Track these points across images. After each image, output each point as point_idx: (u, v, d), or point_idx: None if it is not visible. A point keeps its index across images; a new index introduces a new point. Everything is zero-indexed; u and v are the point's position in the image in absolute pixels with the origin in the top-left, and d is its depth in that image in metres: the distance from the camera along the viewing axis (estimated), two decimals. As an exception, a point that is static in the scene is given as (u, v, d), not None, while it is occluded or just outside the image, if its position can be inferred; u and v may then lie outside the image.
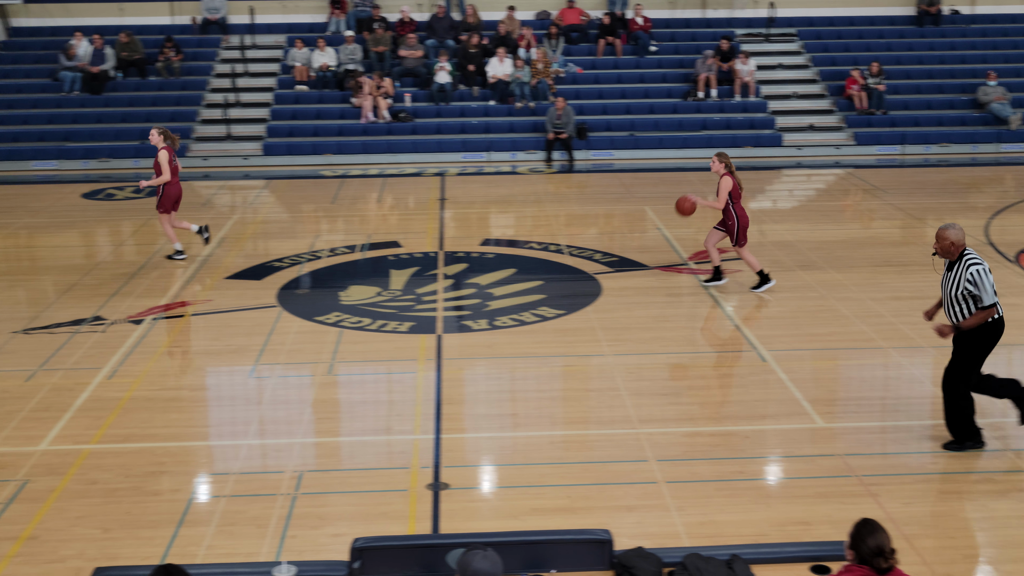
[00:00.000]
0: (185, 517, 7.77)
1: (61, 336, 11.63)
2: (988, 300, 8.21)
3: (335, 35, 25.16)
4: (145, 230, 16.60)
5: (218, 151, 22.35)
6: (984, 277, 8.20)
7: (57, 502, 7.99)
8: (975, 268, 8.21)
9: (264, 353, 11.13)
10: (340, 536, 7.32)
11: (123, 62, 24.06)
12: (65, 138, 22.39)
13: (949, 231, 8.30)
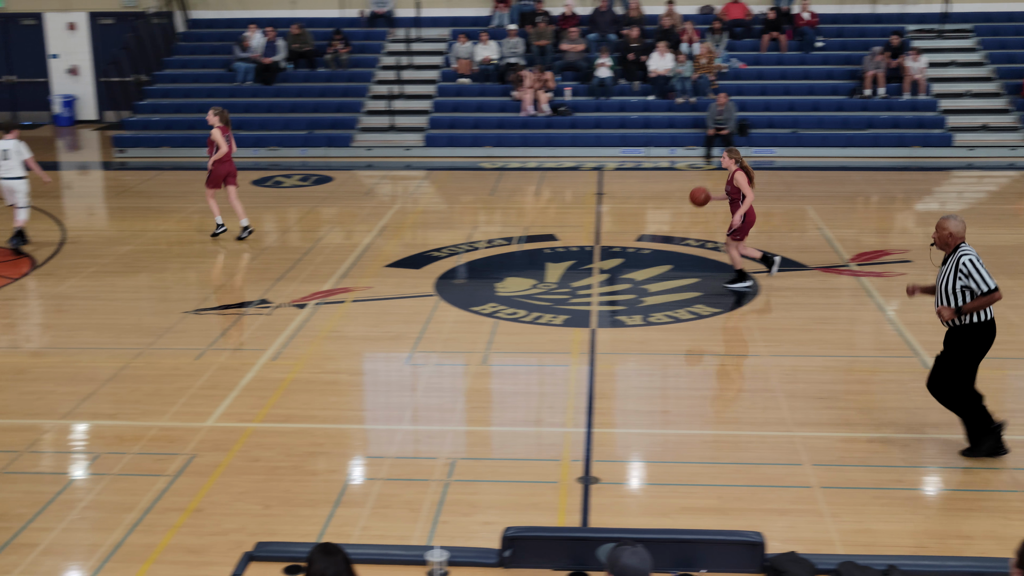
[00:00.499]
0: (341, 498, 7.99)
1: (229, 317, 12.08)
2: (987, 286, 7.98)
3: (498, 29, 25.39)
4: (310, 217, 17.09)
5: (381, 142, 22.82)
6: (977, 265, 8.01)
7: (222, 477, 8.31)
8: (966, 258, 8.05)
9: (421, 341, 11.34)
10: (490, 524, 7.41)
11: (294, 54, 24.78)
12: (237, 127, 23.11)
13: (949, 221, 8.18)
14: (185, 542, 7.35)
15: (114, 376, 10.43)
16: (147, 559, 7.14)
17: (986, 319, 8.18)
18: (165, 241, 15.78)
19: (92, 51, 27.15)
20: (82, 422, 9.44)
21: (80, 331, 11.83)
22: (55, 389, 10.15)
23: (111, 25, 27.02)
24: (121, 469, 8.47)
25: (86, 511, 7.84)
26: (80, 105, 27.22)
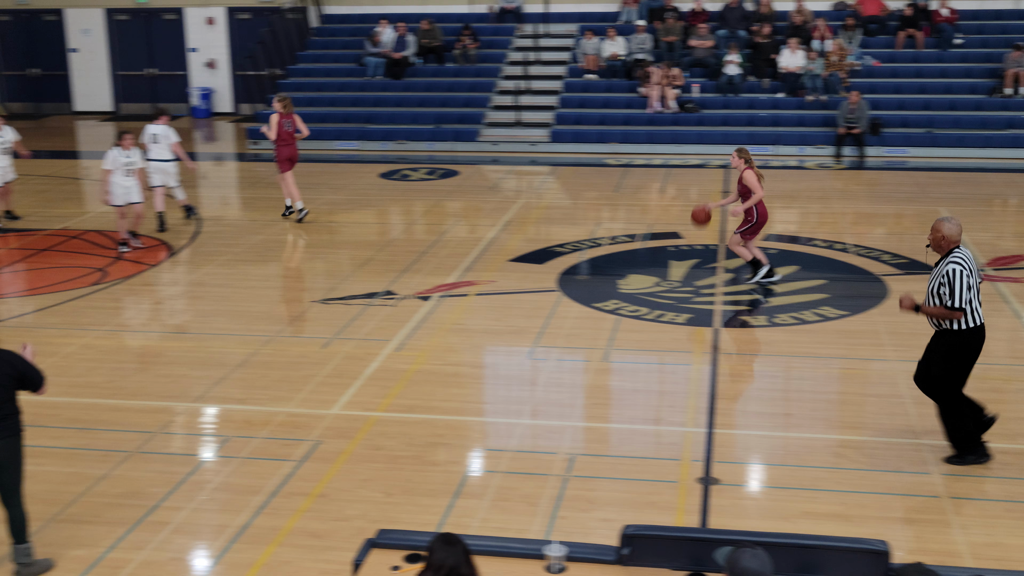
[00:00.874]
0: (461, 489, 8.08)
1: (355, 308, 12.30)
2: (955, 302, 7.86)
3: (626, 24, 25.28)
4: (436, 210, 17.28)
5: (507, 137, 22.94)
6: (958, 278, 7.85)
7: (345, 464, 8.48)
8: (952, 267, 7.91)
9: (543, 336, 11.39)
10: (609, 521, 7.42)
11: (423, 49, 25.08)
12: (367, 120, 23.58)
13: (943, 223, 8.04)
14: (309, 526, 7.53)
15: (244, 362, 10.72)
16: (272, 541, 7.34)
17: (972, 326, 8.04)
18: (295, 231, 16.13)
19: (229, 45, 27.90)
20: (213, 406, 9.74)
21: (213, 317, 12.20)
22: (188, 373, 10.49)
23: (248, 20, 27.73)
24: (249, 453, 8.71)
25: (215, 492, 8.09)
26: (216, 98, 28.00)
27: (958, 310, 7.91)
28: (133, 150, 14.69)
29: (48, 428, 9.21)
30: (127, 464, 8.54)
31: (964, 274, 7.88)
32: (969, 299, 7.93)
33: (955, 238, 8.04)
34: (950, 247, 8.03)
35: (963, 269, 7.89)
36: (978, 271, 8.17)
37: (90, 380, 10.31)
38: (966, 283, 7.87)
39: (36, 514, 7.74)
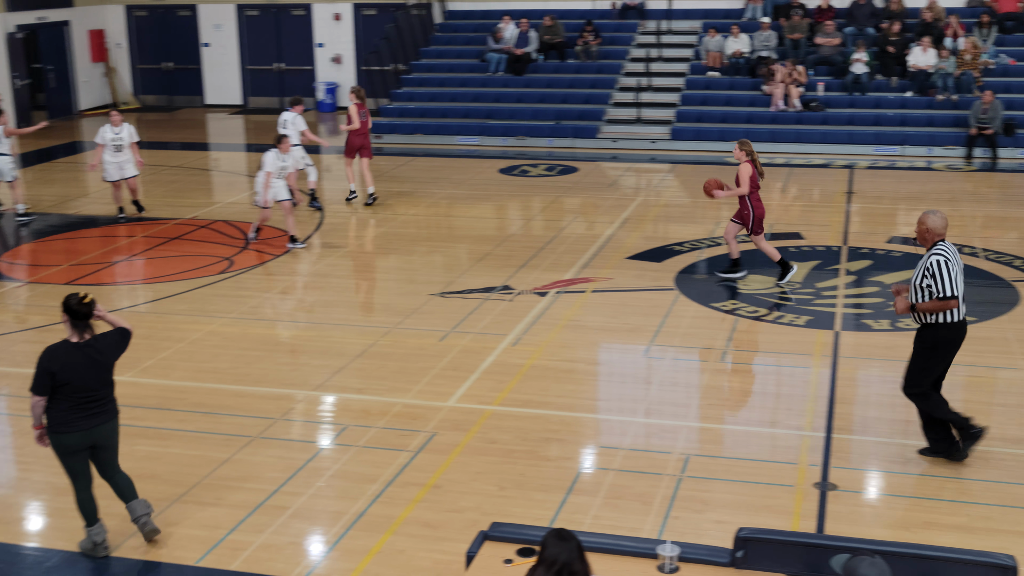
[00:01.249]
0: (574, 485, 8.09)
1: (473, 301, 12.40)
2: (945, 292, 7.87)
3: (751, 21, 24.95)
4: (554, 207, 17.31)
5: (627, 134, 22.85)
6: (943, 268, 7.88)
7: (460, 456, 8.57)
8: (935, 259, 7.93)
9: (659, 334, 11.32)
10: (722, 523, 7.35)
11: (545, 45, 25.12)
12: (487, 116, 23.73)
13: (928, 216, 8.07)
14: (423, 516, 7.63)
15: (363, 352, 10.90)
16: (387, 530, 7.45)
17: (954, 320, 8.04)
18: (415, 225, 16.34)
19: (355, 41, 28.35)
20: (332, 394, 9.93)
21: (334, 308, 12.43)
22: (309, 361, 10.72)
23: (373, 16, 28.14)
24: (366, 442, 8.86)
25: (332, 479, 8.25)
26: (342, 92, 28.45)
27: (952, 298, 7.91)
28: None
29: (175, 411, 9.52)
30: (248, 449, 8.77)
31: (949, 264, 7.91)
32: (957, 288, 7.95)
33: (939, 231, 8.06)
34: (934, 240, 8.06)
35: (947, 259, 7.92)
36: (961, 266, 8.16)
37: (215, 366, 10.61)
38: (952, 272, 7.91)
39: (161, 494, 8.01)
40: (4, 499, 8.15)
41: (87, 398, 7.01)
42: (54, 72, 27.85)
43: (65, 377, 6.88)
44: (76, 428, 7.00)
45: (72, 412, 6.97)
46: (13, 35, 25.95)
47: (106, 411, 7.18)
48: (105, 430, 7.17)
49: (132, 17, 29.73)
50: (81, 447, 7.10)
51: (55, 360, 6.89)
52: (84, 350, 6.99)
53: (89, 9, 28.83)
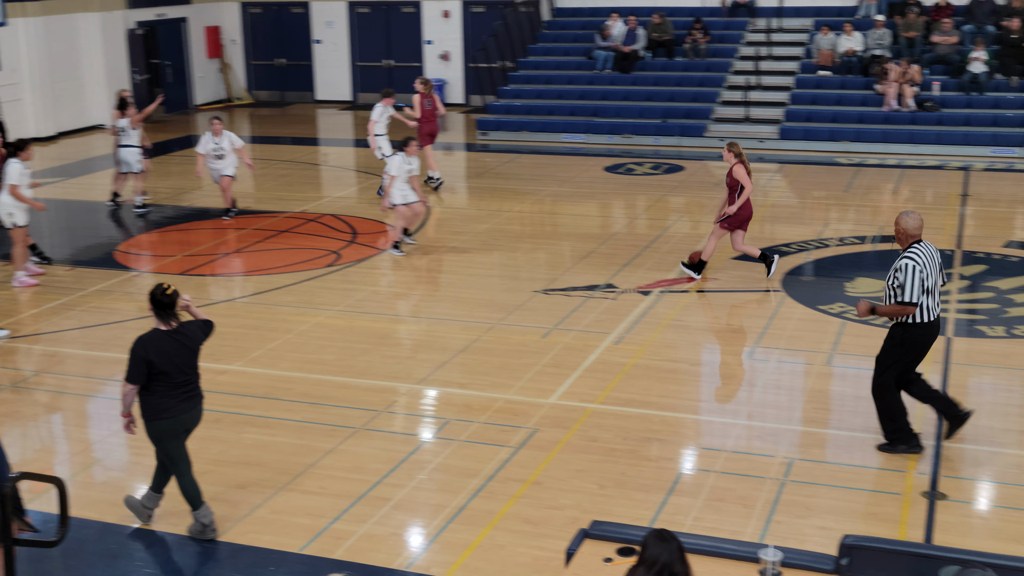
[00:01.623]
0: (675, 486, 8.05)
1: (576, 299, 12.40)
2: (907, 297, 7.98)
3: (864, 19, 24.45)
4: (659, 205, 17.21)
5: (735, 133, 22.57)
6: (911, 273, 7.96)
7: (561, 453, 8.58)
8: (906, 261, 8.04)
9: (764, 336, 11.19)
10: (826, 529, 7.24)
11: (653, 43, 24.97)
12: (594, 113, 23.68)
13: (903, 218, 8.18)
14: (523, 512, 7.66)
15: (466, 347, 10.98)
16: (487, 524, 7.50)
17: (924, 321, 8.12)
18: (519, 222, 16.40)
19: (463, 38, 28.53)
20: (435, 388, 10.03)
21: (438, 302, 12.54)
22: (413, 355, 10.84)
23: (482, 13, 28.29)
24: (468, 436, 8.93)
25: (434, 473, 8.33)
26: (449, 89, 28.69)
27: (911, 305, 8.02)
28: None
29: (282, 401, 9.71)
30: (353, 440, 8.90)
31: (917, 268, 7.99)
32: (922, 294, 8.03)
33: (914, 232, 8.15)
34: (910, 241, 8.15)
35: (916, 264, 8.00)
36: (940, 268, 8.25)
37: (322, 357, 10.79)
38: (919, 278, 7.98)
39: (267, 482, 8.18)
40: (116, 482, 8.41)
41: (182, 383, 7.25)
42: (171, 68, 28.60)
43: (161, 364, 7.12)
44: (174, 413, 7.24)
45: (169, 398, 7.21)
46: (133, 31, 26.71)
47: (197, 395, 7.43)
48: (196, 414, 7.43)
49: (247, 14, 30.36)
50: (179, 430, 7.33)
51: (149, 348, 7.14)
52: (175, 337, 7.24)
53: (206, 6, 29.53)
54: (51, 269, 13.95)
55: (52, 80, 24.46)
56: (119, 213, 17.26)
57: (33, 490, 8.05)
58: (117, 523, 7.72)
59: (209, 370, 10.39)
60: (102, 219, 17.27)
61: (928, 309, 8.10)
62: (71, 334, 11.61)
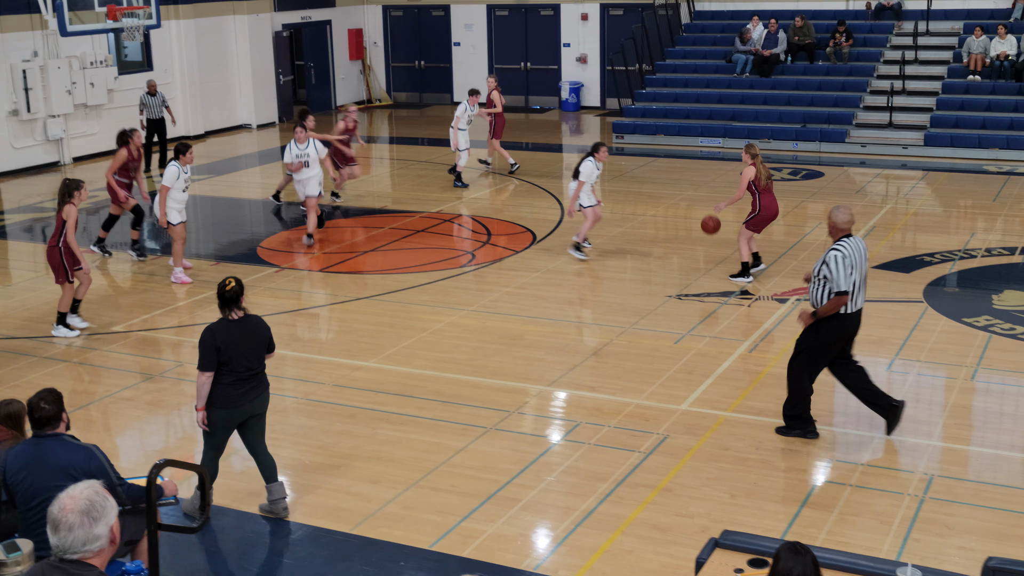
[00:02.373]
0: (808, 498, 7.89)
1: (710, 305, 12.26)
2: (838, 286, 8.26)
3: (1018, 22, 23.58)
4: (797, 212, 16.89)
5: (877, 139, 22.02)
6: (838, 264, 8.25)
7: (691, 461, 8.49)
8: (832, 253, 8.32)
9: (904, 348, 10.88)
10: (968, 550, 7.01)
11: (793, 46, 24.54)
12: (731, 118, 23.39)
13: (833, 211, 8.52)
14: (652, 519, 7.61)
15: (598, 351, 10.96)
16: (616, 530, 7.47)
17: (848, 311, 8.37)
18: (653, 226, 16.29)
19: (600, 41, 28.50)
20: (566, 391, 10.03)
21: (570, 305, 12.55)
22: (544, 357, 10.86)
23: (620, 16, 28.21)
24: (598, 440, 8.91)
25: (563, 475, 8.33)
26: (585, 92, 28.69)
27: (843, 293, 8.28)
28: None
29: (414, 399, 9.84)
30: (484, 439, 8.97)
31: (842, 258, 8.26)
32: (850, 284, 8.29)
33: (842, 226, 8.44)
34: (839, 235, 8.44)
35: (841, 255, 8.28)
36: (864, 262, 8.46)
37: (454, 356, 10.90)
38: (846, 266, 8.25)
39: (399, 478, 8.30)
40: (254, 472, 8.62)
41: (247, 371, 7.50)
42: (314, 69, 29.28)
43: (228, 352, 7.40)
44: (232, 404, 7.50)
45: (233, 387, 7.48)
46: (279, 33, 27.42)
47: (261, 383, 7.68)
48: (261, 401, 7.68)
49: (388, 17, 30.89)
50: (237, 421, 7.62)
51: (217, 336, 7.43)
52: (241, 325, 7.52)
53: (349, 9, 30.15)
54: (197, 263, 14.41)
55: (201, 80, 25.28)
56: (279, 212, 17.69)
57: (174, 478, 8.32)
58: (254, 512, 7.94)
59: (345, 366, 10.64)
60: (246, 215, 17.77)
61: (850, 302, 8.36)
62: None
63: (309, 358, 11.04)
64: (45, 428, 6.21)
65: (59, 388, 6.37)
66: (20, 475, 6.20)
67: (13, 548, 6.02)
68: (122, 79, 23.21)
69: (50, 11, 19.61)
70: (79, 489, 3.73)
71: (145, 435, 9.53)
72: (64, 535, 3.67)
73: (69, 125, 22.06)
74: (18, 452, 6.25)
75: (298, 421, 9.51)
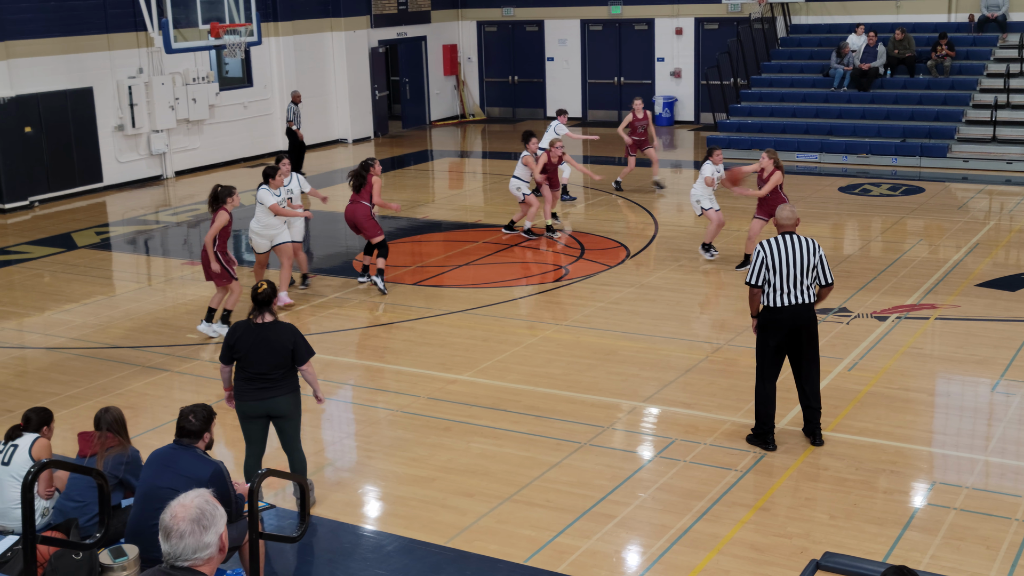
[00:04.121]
0: (911, 521, 7.71)
1: (807, 323, 12.05)
2: (747, 278, 8.74)
3: None
4: (896, 228, 16.57)
5: (980, 154, 21.51)
6: (757, 256, 8.66)
7: (789, 480, 8.36)
8: (757, 247, 8.72)
9: (1010, 369, 10.59)
10: (1078, 578, 6.78)
11: (893, 59, 24.12)
12: (828, 132, 23.05)
13: (779, 209, 8.90)
14: (749, 538, 7.50)
15: (693, 367, 10.86)
16: (712, 549, 7.38)
17: (770, 305, 8.68)
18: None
19: (695, 55, 28.34)
20: (660, 407, 9.95)
21: (665, 320, 12.45)
22: (639, 373, 10.79)
23: (715, 30, 28.03)
24: (693, 457, 8.82)
25: (658, 492, 8.26)
26: (679, 107, 28.55)
27: (748, 284, 8.73)
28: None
29: (508, 412, 9.85)
30: (578, 455, 8.94)
31: (762, 255, 8.64)
32: (767, 279, 8.62)
33: (784, 224, 8.79)
34: (781, 231, 8.77)
35: (763, 251, 8.66)
36: (802, 259, 8.60)
37: (548, 371, 10.89)
38: (763, 263, 8.62)
39: (493, 492, 8.30)
40: (348, 482, 8.72)
41: (255, 374, 7.74)
42: (409, 84, 29.59)
43: (239, 351, 7.74)
44: (248, 398, 7.80)
45: (246, 383, 7.78)
46: (375, 49, 27.77)
47: (277, 387, 7.83)
48: (278, 402, 7.84)
49: (483, 32, 31.10)
50: (253, 415, 7.84)
51: (233, 334, 7.81)
52: (259, 330, 7.78)
53: (444, 25, 30.42)
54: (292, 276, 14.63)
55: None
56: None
57: (270, 487, 8.45)
58: (350, 523, 8.01)
59: (439, 379, 10.71)
60: (341, 229, 17.99)
61: (777, 295, 8.62)
62: (310, 339, 12.10)
63: (403, 371, 11.13)
64: (184, 439, 6.54)
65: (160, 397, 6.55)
66: (147, 473, 6.48)
67: (120, 553, 6.17)
68: (223, 95, 23.73)
69: (156, 29, 20.13)
70: (190, 497, 3.80)
71: (242, 445, 9.67)
72: (175, 542, 3.74)
73: (172, 140, 22.60)
74: (155, 453, 6.60)
75: (392, 433, 9.58)
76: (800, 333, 8.76)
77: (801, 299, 8.68)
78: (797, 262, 8.64)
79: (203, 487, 3.98)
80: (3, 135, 19.47)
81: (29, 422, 7.33)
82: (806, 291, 8.69)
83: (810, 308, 8.75)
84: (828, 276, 8.81)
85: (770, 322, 8.77)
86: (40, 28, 20.20)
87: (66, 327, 12.88)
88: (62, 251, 16.76)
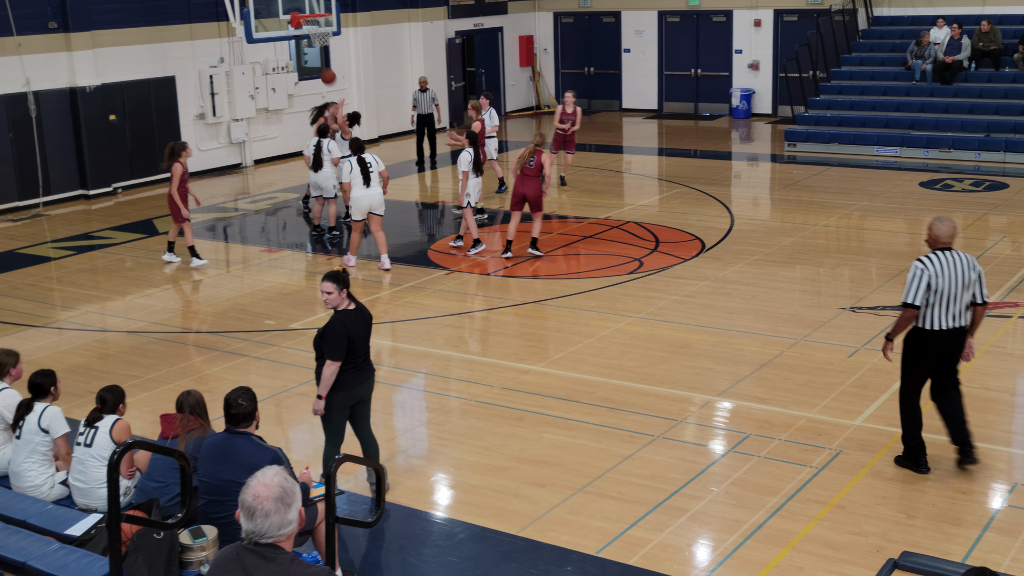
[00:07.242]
0: (991, 522, 7.57)
1: (885, 319, 11.89)
2: (904, 297, 7.95)
3: None
4: (979, 224, 16.25)
5: (1067, 149, 21.00)
6: (914, 275, 7.91)
7: (865, 478, 8.26)
8: (915, 263, 7.99)
9: (1096, 370, 10.35)
10: None
11: (978, 52, 23.62)
12: (910, 126, 22.66)
13: (933, 223, 8.11)
14: (824, 535, 7.43)
15: (768, 362, 10.77)
16: (786, 545, 7.32)
17: (924, 327, 7.99)
18: (824, 236, 15.92)
19: (774, 47, 27.99)
20: (734, 401, 9.89)
21: (740, 315, 12.36)
22: (713, 367, 10.73)
23: (794, 22, 27.66)
24: (768, 453, 8.75)
25: (732, 487, 8.21)
26: (756, 99, 28.23)
27: (907, 306, 7.94)
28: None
29: (582, 404, 9.85)
30: (651, 447, 8.92)
31: (922, 271, 7.90)
32: (926, 300, 7.90)
33: (942, 238, 8.04)
34: (936, 247, 8.04)
35: (924, 268, 7.92)
36: (963, 277, 7.93)
37: (622, 363, 10.87)
38: (923, 282, 7.89)
39: (566, 483, 8.32)
40: (420, 470, 8.78)
41: (363, 359, 7.84)
42: (485, 75, 29.64)
43: (355, 340, 7.73)
44: (349, 387, 7.80)
45: (349, 373, 7.77)
46: (452, 40, 27.86)
47: (370, 368, 8.00)
48: (369, 385, 7.98)
49: (559, 23, 31.04)
50: (349, 404, 7.88)
51: (348, 327, 7.72)
52: (358, 313, 7.82)
53: (521, 16, 30.43)
54: (364, 263, 14.77)
55: (376, 86, 25.89)
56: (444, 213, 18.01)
57: (344, 473, 8.55)
58: (424, 510, 8.08)
59: (512, 369, 10.74)
60: (416, 219, 18.10)
61: (935, 318, 7.97)
62: (384, 327, 12.23)
63: (476, 360, 11.18)
64: (239, 424, 6.53)
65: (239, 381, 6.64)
66: (206, 466, 6.51)
67: (199, 534, 6.29)
68: (301, 85, 23.98)
69: (238, 19, 20.41)
70: (269, 476, 3.86)
71: (317, 430, 9.79)
72: (260, 521, 3.81)
73: (251, 129, 22.91)
74: (209, 444, 6.58)
75: (465, 422, 9.64)
76: (953, 357, 8.23)
77: (958, 322, 8.04)
78: (958, 280, 7.96)
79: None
80: (88, 123, 19.89)
81: (105, 402, 7.46)
82: (963, 313, 8.03)
83: (964, 332, 8.12)
84: (983, 294, 8.12)
85: (925, 346, 8.11)
86: (125, 18, 20.59)
87: (147, 311, 13.14)
88: (144, 237, 17.09)
